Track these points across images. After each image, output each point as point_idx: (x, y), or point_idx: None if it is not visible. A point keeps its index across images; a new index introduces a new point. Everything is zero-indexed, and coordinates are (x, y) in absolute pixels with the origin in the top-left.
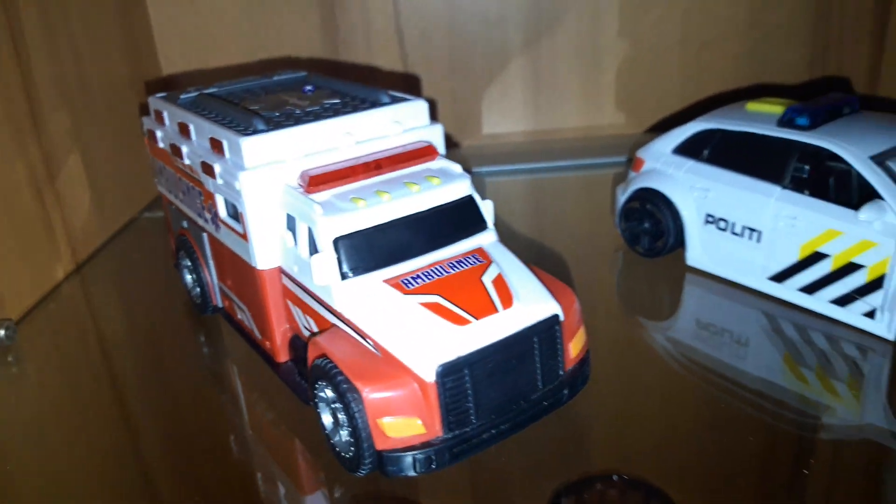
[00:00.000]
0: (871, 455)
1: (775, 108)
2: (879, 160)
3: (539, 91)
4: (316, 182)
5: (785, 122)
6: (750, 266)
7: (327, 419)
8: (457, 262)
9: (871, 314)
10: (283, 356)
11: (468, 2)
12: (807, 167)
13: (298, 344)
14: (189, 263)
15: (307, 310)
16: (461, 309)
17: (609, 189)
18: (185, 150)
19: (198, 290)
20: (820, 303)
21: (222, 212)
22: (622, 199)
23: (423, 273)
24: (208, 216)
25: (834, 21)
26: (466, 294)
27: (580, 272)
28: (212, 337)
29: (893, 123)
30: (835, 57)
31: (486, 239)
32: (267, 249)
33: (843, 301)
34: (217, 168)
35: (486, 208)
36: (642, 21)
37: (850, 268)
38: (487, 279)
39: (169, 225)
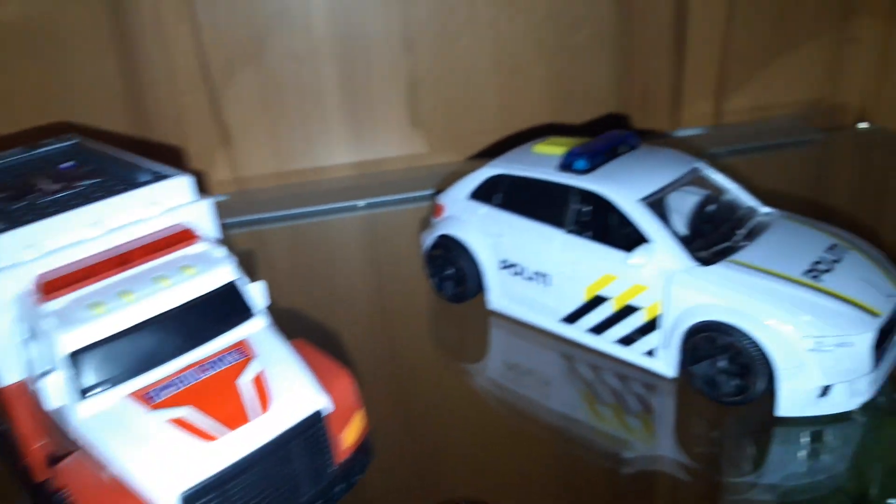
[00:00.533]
0: (662, 483)
1: (558, 150)
2: (650, 201)
3: (358, 124)
4: (50, 288)
5: (565, 165)
6: (544, 308)
7: None
8: (213, 362)
9: (651, 353)
10: (42, 474)
11: (276, 38)
12: (586, 211)
13: (57, 460)
14: None
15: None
16: (213, 420)
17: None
18: None
19: None
20: (607, 343)
21: None
22: (425, 246)
23: (173, 381)
24: None
25: (636, 38)
26: (219, 401)
27: (390, 317)
28: None
29: (666, 161)
30: (639, 73)
31: (253, 328)
32: (8, 364)
33: (626, 341)
34: None
35: (255, 292)
36: (454, 49)
37: (629, 310)
38: (245, 380)
39: None
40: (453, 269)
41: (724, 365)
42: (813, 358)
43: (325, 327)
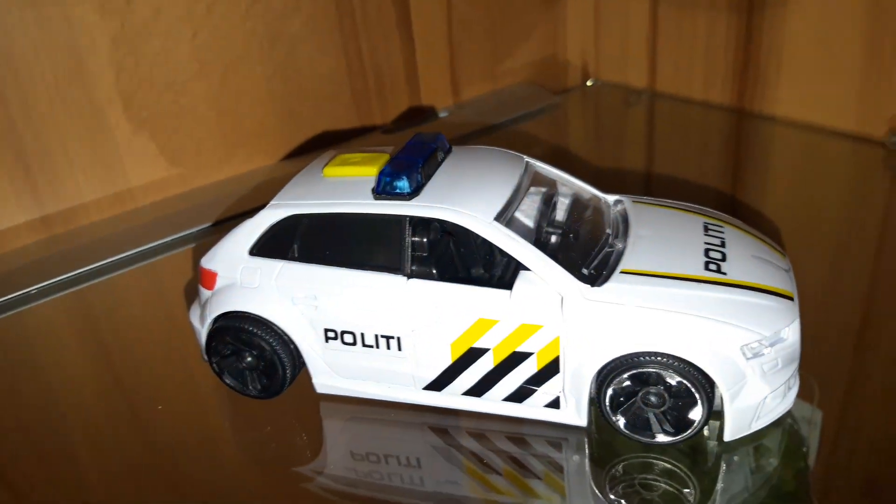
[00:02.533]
0: None
1: (363, 171)
2: (506, 218)
3: (29, 170)
4: None
5: (383, 191)
6: (397, 378)
7: None
8: None
9: (554, 404)
10: None
11: None
12: (427, 243)
13: None
14: None
15: None
16: None
17: (172, 286)
18: None
19: None
20: (492, 403)
21: None
22: (202, 332)
23: None
24: None
25: (358, 19)
26: None
27: (178, 433)
28: None
29: (498, 163)
30: (370, 60)
31: None
32: None
33: (518, 396)
34: None
35: None
36: (143, 55)
37: (517, 358)
38: None
39: None
40: (252, 355)
41: (656, 401)
42: (753, 366)
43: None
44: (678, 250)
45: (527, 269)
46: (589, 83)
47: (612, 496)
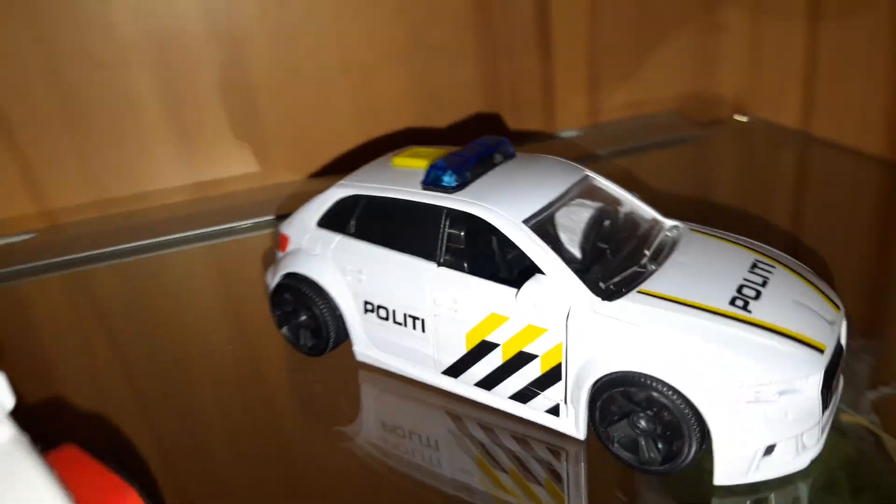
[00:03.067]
0: None
1: (423, 164)
2: (536, 223)
3: (187, 140)
4: None
5: (430, 182)
6: (421, 358)
7: None
8: None
9: (554, 411)
10: None
11: (70, 43)
12: (460, 237)
13: None
14: None
15: None
16: None
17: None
18: None
19: None
20: (500, 399)
21: None
22: (271, 286)
23: None
24: None
25: (497, 34)
26: None
27: (238, 376)
28: None
29: (549, 172)
30: (507, 70)
31: None
32: None
33: (522, 397)
34: None
35: None
36: (294, 51)
37: (523, 358)
38: None
39: None
40: (307, 315)
41: (646, 425)
42: (754, 411)
43: (160, 390)
44: (709, 281)
45: (541, 273)
46: (738, 118)
47: None
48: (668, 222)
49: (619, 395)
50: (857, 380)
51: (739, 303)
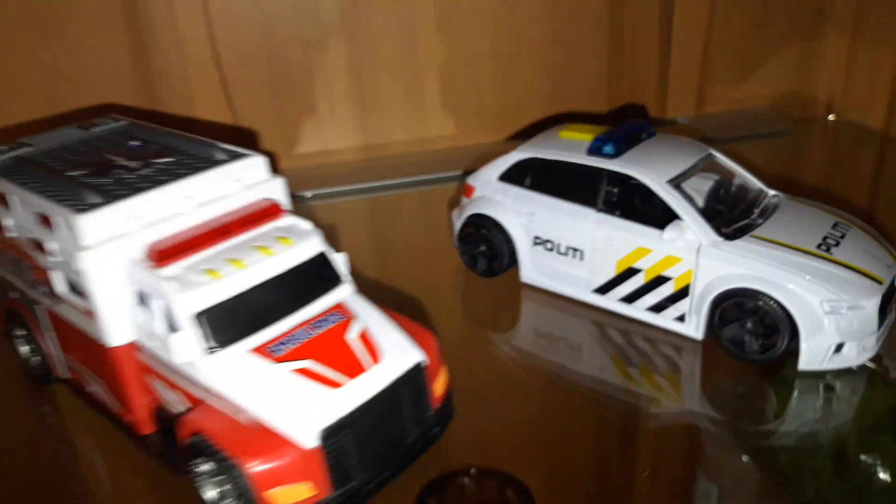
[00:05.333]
0: (691, 435)
1: (584, 136)
2: (675, 183)
3: (365, 108)
4: (163, 256)
5: (594, 150)
6: (576, 281)
7: (212, 494)
8: (319, 322)
9: (681, 318)
10: (147, 428)
11: (285, 26)
12: (616, 191)
13: (164, 414)
14: (23, 333)
15: (172, 384)
16: (332, 371)
17: (443, 206)
18: (8, 222)
19: (38, 359)
20: (638, 311)
21: (60, 287)
22: (457, 224)
23: (287, 338)
24: (43, 290)
25: (626, 34)
26: (334, 354)
27: (425, 292)
28: (57, 407)
29: (684, 148)
30: (628, 67)
31: (344, 293)
32: (118, 326)
33: (657, 308)
34: (50, 246)
35: (340, 261)
36: (455, 39)
37: (660, 280)
38: (352, 336)
39: None
40: (485, 245)
41: (751, 326)
42: (830, 319)
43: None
44: (801, 232)
45: (680, 219)
46: (830, 118)
47: (712, 396)
48: (771, 192)
49: (731, 306)
50: None
51: (823, 248)
